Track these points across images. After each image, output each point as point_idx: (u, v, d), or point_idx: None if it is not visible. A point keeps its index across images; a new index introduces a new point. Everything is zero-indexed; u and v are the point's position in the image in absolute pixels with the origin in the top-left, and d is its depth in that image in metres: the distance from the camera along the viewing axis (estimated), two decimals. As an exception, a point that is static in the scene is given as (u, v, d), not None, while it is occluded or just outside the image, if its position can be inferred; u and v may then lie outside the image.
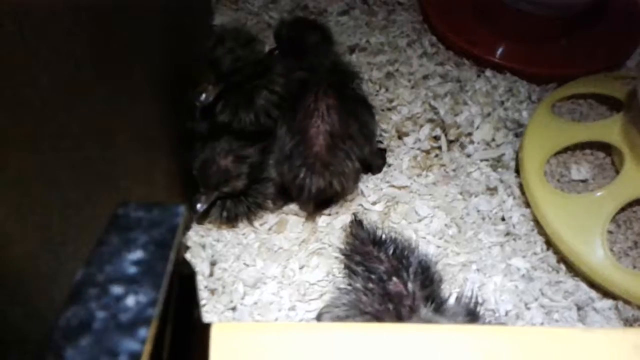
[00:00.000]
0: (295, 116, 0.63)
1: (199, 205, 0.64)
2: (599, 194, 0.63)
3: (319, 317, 0.58)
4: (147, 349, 0.18)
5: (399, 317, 0.49)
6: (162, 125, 0.61)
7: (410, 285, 0.51)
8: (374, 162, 0.71)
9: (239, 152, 0.65)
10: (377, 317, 0.51)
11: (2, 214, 0.33)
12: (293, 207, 0.69)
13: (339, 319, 0.54)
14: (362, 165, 0.68)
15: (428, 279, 0.54)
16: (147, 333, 0.18)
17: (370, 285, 0.54)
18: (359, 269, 0.56)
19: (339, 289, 0.59)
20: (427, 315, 0.49)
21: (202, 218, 0.67)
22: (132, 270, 0.20)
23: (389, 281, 0.53)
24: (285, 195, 0.68)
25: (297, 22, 0.74)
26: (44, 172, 0.37)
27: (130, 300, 0.19)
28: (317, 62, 0.68)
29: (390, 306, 0.50)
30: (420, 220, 0.68)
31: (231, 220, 0.67)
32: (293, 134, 0.63)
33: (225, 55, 0.62)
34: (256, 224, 0.68)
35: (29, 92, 0.35)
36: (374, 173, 0.72)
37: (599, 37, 0.83)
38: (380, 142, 0.74)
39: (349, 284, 0.58)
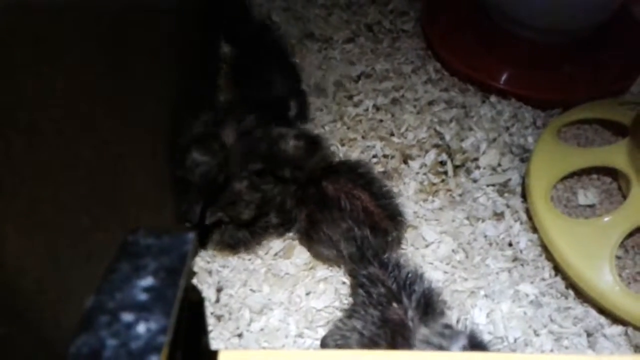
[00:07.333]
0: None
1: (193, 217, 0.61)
2: (606, 219, 0.63)
3: (323, 343, 0.57)
4: (158, 377, 0.18)
5: (394, 345, 0.49)
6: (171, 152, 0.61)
7: (410, 314, 0.51)
8: None
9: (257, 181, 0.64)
10: (375, 343, 0.50)
11: (13, 242, 0.33)
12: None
13: (340, 344, 0.53)
14: None
15: (430, 309, 0.53)
16: (157, 361, 0.18)
17: (371, 309, 0.53)
18: (362, 290, 0.56)
19: (341, 316, 0.58)
20: (422, 346, 0.48)
21: (202, 243, 0.67)
22: (142, 297, 0.21)
23: (389, 306, 0.52)
24: (287, 225, 0.68)
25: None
26: (55, 200, 0.37)
27: (141, 328, 0.19)
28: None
29: (388, 332, 0.50)
30: (427, 246, 0.68)
31: (232, 247, 0.67)
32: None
33: (193, 171, 0.61)
34: (262, 249, 0.68)
35: (43, 121, 0.36)
36: None
37: (603, 63, 0.84)
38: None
39: (352, 307, 0.58)
